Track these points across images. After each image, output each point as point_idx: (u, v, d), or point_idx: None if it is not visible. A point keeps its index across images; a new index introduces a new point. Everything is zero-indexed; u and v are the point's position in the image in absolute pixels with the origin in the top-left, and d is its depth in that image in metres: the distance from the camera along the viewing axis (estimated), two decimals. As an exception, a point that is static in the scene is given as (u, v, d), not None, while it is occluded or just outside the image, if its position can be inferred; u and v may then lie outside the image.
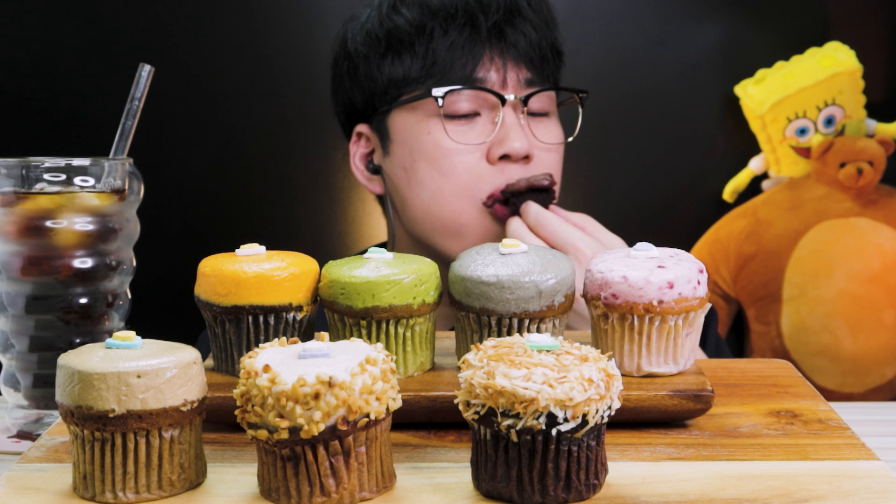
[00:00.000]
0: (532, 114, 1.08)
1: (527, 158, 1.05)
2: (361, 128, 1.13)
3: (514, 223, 1.02)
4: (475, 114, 1.06)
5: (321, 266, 0.70)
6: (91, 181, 0.79)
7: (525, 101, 1.05)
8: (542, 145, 1.07)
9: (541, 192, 1.04)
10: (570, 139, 1.12)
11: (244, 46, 1.70)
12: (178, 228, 1.67)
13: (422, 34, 1.05)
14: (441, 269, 0.72)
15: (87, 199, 0.78)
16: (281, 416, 0.52)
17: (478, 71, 1.04)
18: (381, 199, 1.18)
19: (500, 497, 0.55)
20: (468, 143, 1.05)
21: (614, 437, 0.64)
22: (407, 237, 1.14)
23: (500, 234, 1.05)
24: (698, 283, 0.67)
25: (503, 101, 1.04)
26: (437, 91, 1.03)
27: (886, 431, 0.83)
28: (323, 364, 0.53)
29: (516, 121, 1.05)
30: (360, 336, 0.67)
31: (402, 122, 1.08)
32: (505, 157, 1.04)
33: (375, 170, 1.13)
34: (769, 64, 1.71)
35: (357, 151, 1.15)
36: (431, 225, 1.08)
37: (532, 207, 1.02)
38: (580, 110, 1.12)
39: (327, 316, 0.69)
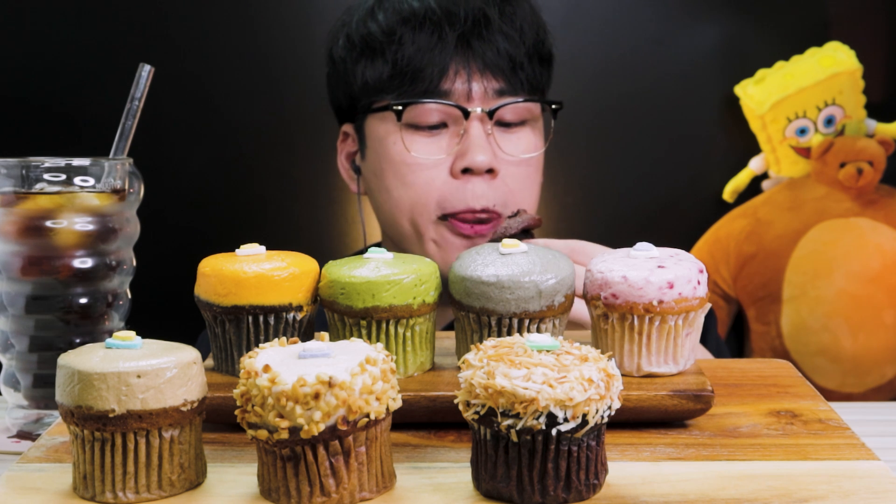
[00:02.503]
0: (505, 124, 1.06)
1: (491, 172, 1.04)
2: (347, 127, 1.15)
3: None
4: (442, 125, 1.05)
5: (321, 266, 0.70)
6: (91, 181, 0.79)
7: (491, 113, 1.04)
8: (511, 159, 1.06)
9: (526, 232, 1.03)
10: (539, 152, 1.09)
11: (244, 46, 1.70)
12: (178, 228, 1.67)
13: (392, 41, 1.04)
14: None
15: (87, 199, 0.78)
16: (281, 416, 0.52)
17: (443, 83, 1.03)
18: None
19: (500, 497, 0.55)
20: (430, 156, 1.04)
21: (614, 437, 0.64)
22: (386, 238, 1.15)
23: (464, 246, 1.04)
24: (698, 283, 0.67)
25: (466, 114, 1.03)
26: (398, 105, 1.03)
27: (886, 431, 0.83)
28: (323, 364, 0.53)
29: (482, 133, 1.03)
30: (360, 336, 0.67)
31: (374, 130, 1.09)
32: (468, 171, 1.03)
33: (357, 169, 1.15)
34: (769, 64, 1.71)
35: (343, 150, 1.17)
36: (398, 232, 1.09)
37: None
38: (552, 122, 1.10)
39: (327, 316, 0.69)
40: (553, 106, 1.09)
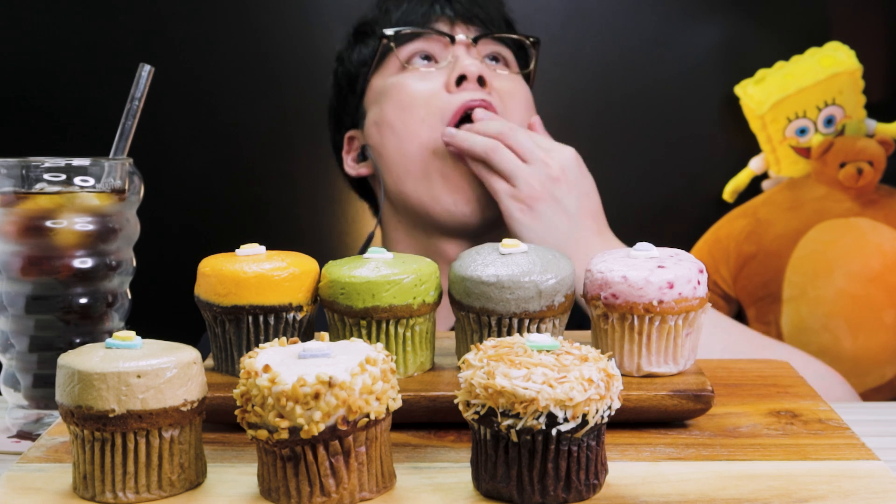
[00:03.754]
0: (489, 59, 1.15)
1: (482, 82, 1.10)
2: (351, 133, 1.20)
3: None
4: (431, 58, 1.13)
5: (321, 266, 0.70)
6: (91, 181, 0.78)
7: (475, 41, 1.13)
8: (501, 73, 1.14)
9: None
10: (530, 81, 1.19)
11: (244, 46, 1.69)
12: (178, 228, 1.67)
13: (380, 14, 1.16)
14: (441, 267, 0.72)
15: (87, 199, 0.78)
16: (281, 416, 0.52)
17: (430, 23, 1.13)
18: (364, 181, 1.23)
19: (500, 497, 0.55)
20: (428, 69, 1.12)
21: (614, 437, 0.64)
22: (393, 218, 1.17)
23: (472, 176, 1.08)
24: (698, 283, 0.67)
25: (453, 40, 1.12)
26: (388, 31, 1.12)
27: (886, 431, 0.83)
28: (323, 364, 0.53)
29: (467, 54, 1.12)
30: (360, 336, 0.67)
31: (373, 92, 1.15)
32: (462, 80, 1.10)
33: (364, 157, 1.19)
34: (769, 64, 1.71)
35: (349, 155, 1.22)
36: (405, 168, 1.11)
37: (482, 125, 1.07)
38: (535, 59, 1.19)
39: (327, 316, 0.69)
40: (531, 39, 1.18)
